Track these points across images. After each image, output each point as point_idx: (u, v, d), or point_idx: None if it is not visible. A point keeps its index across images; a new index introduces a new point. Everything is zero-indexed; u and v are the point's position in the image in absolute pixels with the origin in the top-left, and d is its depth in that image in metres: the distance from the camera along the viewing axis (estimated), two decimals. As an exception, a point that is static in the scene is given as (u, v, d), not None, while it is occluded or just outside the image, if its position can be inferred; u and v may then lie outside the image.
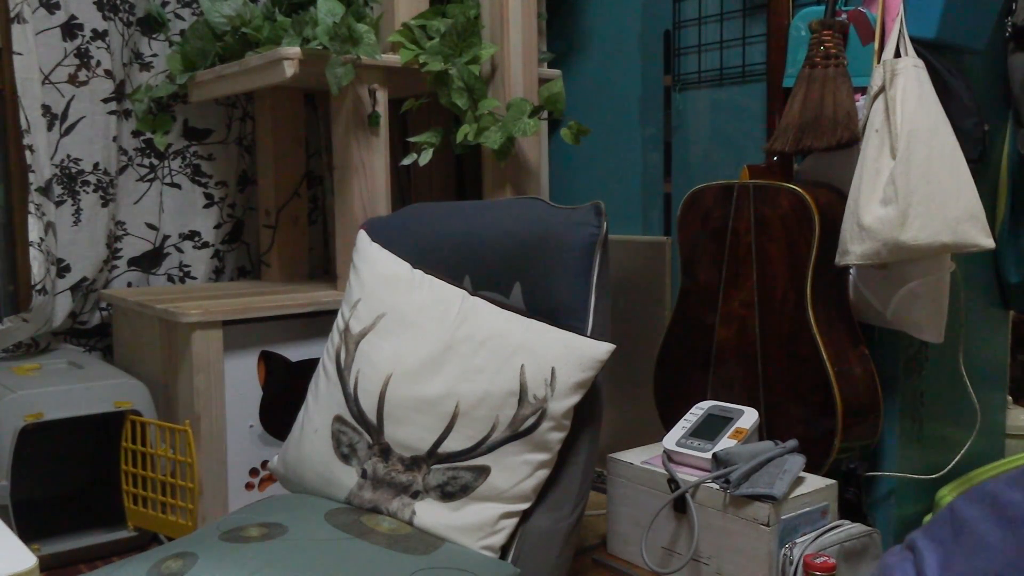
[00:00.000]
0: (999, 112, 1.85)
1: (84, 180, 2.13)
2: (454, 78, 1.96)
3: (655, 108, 2.17)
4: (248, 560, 1.18)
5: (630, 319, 2.13)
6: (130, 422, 1.82)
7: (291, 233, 2.38)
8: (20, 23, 1.98)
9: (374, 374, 1.44)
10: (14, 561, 0.91)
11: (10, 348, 2.04)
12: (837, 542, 1.46)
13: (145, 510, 1.83)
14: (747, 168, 1.77)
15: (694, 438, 1.62)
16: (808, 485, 1.52)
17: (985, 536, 0.60)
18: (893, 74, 1.53)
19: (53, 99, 2.08)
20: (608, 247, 1.52)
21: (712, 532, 1.51)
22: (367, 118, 1.98)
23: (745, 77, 1.97)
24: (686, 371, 1.82)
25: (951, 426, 1.84)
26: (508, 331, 1.41)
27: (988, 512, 0.61)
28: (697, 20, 2.06)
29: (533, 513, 1.41)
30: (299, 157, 2.38)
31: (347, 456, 1.44)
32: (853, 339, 1.66)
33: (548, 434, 1.38)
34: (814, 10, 1.69)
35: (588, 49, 2.33)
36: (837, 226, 1.59)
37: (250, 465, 1.89)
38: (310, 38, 1.93)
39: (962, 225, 1.50)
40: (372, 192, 2.00)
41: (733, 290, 1.73)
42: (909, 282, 1.59)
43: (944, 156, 1.51)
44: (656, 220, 2.19)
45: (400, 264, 1.52)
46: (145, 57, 2.25)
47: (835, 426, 1.58)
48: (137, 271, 2.27)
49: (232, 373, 1.84)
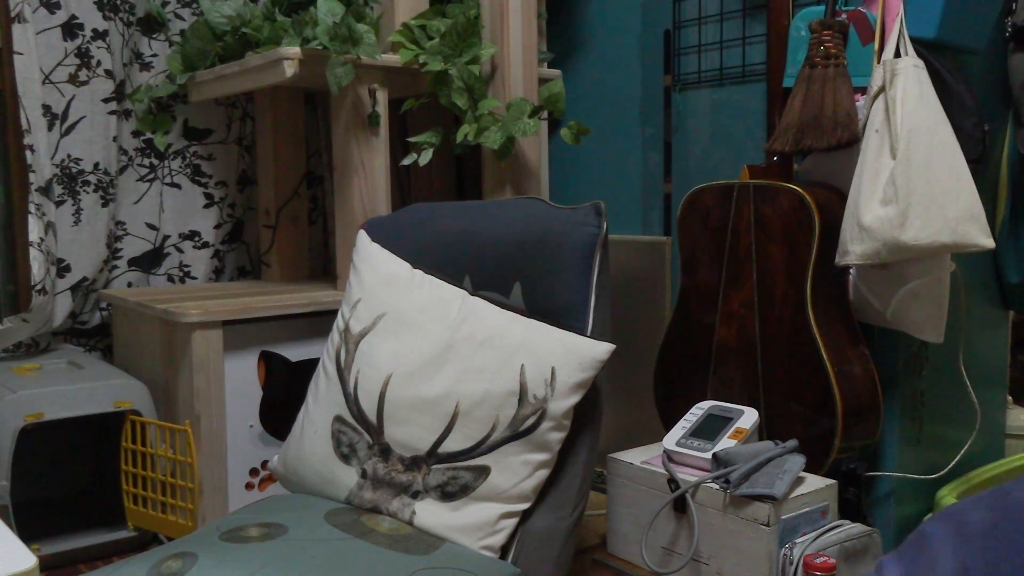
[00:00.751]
0: (999, 112, 1.85)
1: (84, 180, 2.13)
2: (454, 78, 1.96)
3: (655, 108, 2.17)
4: (248, 560, 1.18)
5: (630, 319, 2.13)
6: (130, 422, 1.82)
7: (291, 233, 2.38)
8: (20, 23, 1.98)
9: (374, 374, 1.44)
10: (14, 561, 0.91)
11: (10, 348, 2.04)
12: (837, 542, 1.46)
13: (145, 510, 1.83)
14: (747, 168, 1.77)
15: (694, 438, 1.62)
16: (808, 485, 1.52)
17: (938, 553, 0.60)
18: (893, 74, 1.53)
19: (53, 99, 2.08)
20: (608, 247, 1.52)
21: (712, 532, 1.51)
22: (367, 118, 1.98)
23: (745, 77, 1.97)
24: (686, 371, 1.82)
25: (951, 426, 1.84)
26: (508, 331, 1.41)
27: (951, 530, 0.61)
28: (697, 20, 2.06)
29: (533, 513, 1.41)
30: (299, 157, 2.38)
31: (347, 456, 1.44)
32: (853, 339, 1.66)
33: (548, 434, 1.38)
34: (814, 10, 1.69)
35: (588, 49, 2.34)
36: (837, 226, 1.59)
37: (250, 465, 1.89)
38: (310, 38, 1.93)
39: (962, 225, 1.50)
40: (372, 192, 2.00)
41: (733, 290, 1.73)
42: (909, 282, 1.59)
43: (944, 156, 1.51)
44: (656, 220, 2.19)
45: (400, 264, 1.52)
46: (145, 57, 2.25)
47: (835, 426, 1.58)
48: (137, 271, 2.27)
49: (232, 373, 1.84)
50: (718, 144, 2.03)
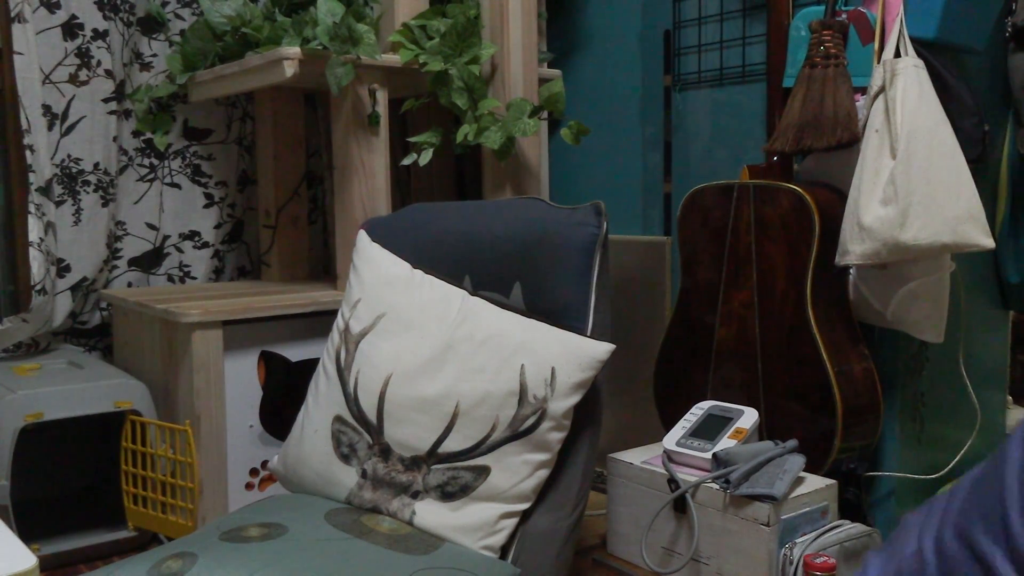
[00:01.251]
0: (999, 112, 1.85)
1: (84, 180, 2.13)
2: (454, 78, 1.96)
3: (655, 108, 2.17)
4: (248, 560, 1.18)
5: (630, 319, 2.13)
6: (130, 422, 1.82)
7: (291, 233, 2.38)
8: (20, 23, 1.98)
9: (374, 374, 1.43)
10: (14, 561, 0.91)
11: (10, 348, 2.04)
12: (837, 542, 1.46)
13: (145, 510, 1.83)
14: (747, 168, 1.76)
15: (694, 438, 1.62)
16: (808, 485, 1.52)
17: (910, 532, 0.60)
18: (893, 74, 1.53)
19: (53, 99, 2.08)
20: (608, 247, 1.52)
21: (712, 532, 1.51)
22: (367, 118, 1.98)
23: (745, 77, 1.97)
24: (686, 371, 1.82)
25: (951, 426, 1.84)
26: (508, 331, 1.41)
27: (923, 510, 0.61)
28: (697, 20, 2.06)
29: (533, 513, 1.41)
30: (299, 157, 2.38)
31: (347, 456, 1.44)
32: (853, 339, 1.66)
33: (548, 434, 1.38)
34: (814, 10, 1.69)
35: (588, 49, 2.33)
36: (837, 226, 1.59)
37: (250, 465, 1.89)
38: (310, 38, 1.93)
39: (962, 225, 1.50)
40: (372, 192, 2.00)
41: (733, 290, 1.73)
42: (909, 282, 1.59)
43: (944, 156, 1.51)
44: (656, 220, 2.19)
45: (400, 264, 1.52)
46: (145, 57, 2.25)
47: (835, 426, 1.57)
48: (137, 271, 2.27)
49: (232, 373, 1.84)
50: (718, 144, 2.03)
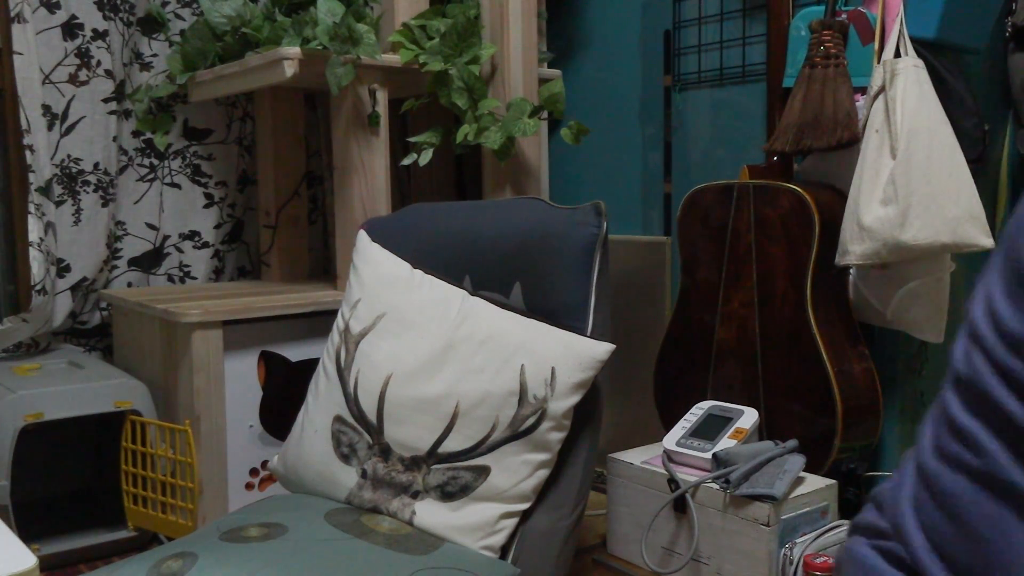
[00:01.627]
0: (999, 112, 1.85)
1: (84, 180, 2.13)
2: (454, 78, 1.96)
3: (655, 108, 2.17)
4: (248, 560, 1.18)
5: (630, 319, 2.13)
6: (130, 422, 1.82)
7: (291, 233, 2.38)
8: (20, 23, 1.98)
9: (374, 374, 1.43)
10: (14, 561, 0.91)
11: (10, 348, 2.04)
12: (837, 542, 1.46)
13: (145, 510, 1.83)
14: (747, 168, 1.76)
15: (694, 438, 1.62)
16: (808, 485, 1.52)
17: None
18: (893, 74, 1.53)
19: (53, 99, 2.08)
20: (608, 247, 1.52)
21: (712, 532, 1.51)
22: (367, 118, 1.98)
23: (745, 77, 1.97)
24: (686, 371, 1.82)
25: (951, 426, 1.83)
26: (508, 331, 1.41)
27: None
28: (697, 20, 2.06)
29: (533, 513, 1.41)
30: (299, 157, 2.38)
31: (347, 456, 1.43)
32: (853, 339, 1.66)
33: (548, 434, 1.38)
34: (814, 10, 1.69)
35: (588, 49, 2.33)
36: (837, 226, 1.59)
37: (250, 465, 1.89)
38: (310, 38, 1.93)
39: (962, 225, 1.50)
40: (372, 192, 2.00)
41: (733, 290, 1.73)
42: (909, 282, 1.59)
43: (944, 156, 1.51)
44: (656, 220, 2.19)
45: (400, 264, 1.52)
46: (145, 57, 2.25)
47: (835, 426, 1.57)
48: (137, 271, 2.27)
49: (232, 373, 1.84)
50: (718, 144, 2.03)
